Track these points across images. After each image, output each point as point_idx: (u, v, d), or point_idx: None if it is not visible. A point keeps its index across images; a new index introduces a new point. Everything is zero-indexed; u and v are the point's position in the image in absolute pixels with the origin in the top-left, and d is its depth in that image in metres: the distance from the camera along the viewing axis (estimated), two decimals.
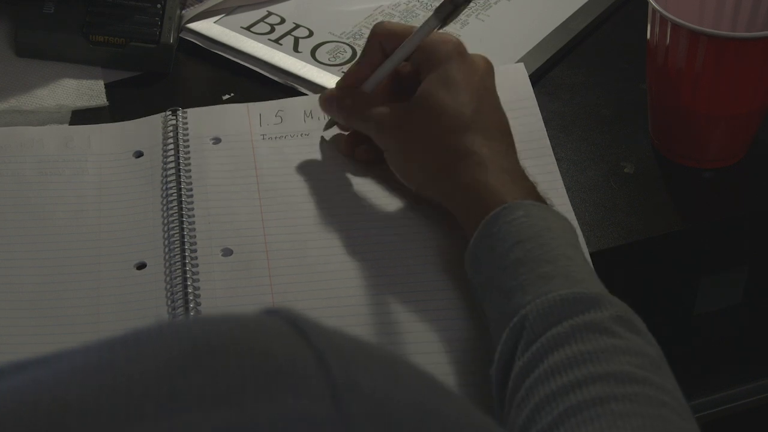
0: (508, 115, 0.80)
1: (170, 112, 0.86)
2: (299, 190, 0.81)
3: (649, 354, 0.61)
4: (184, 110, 0.85)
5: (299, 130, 0.85)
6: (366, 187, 0.81)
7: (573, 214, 0.78)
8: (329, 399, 0.37)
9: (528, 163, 0.81)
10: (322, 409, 0.36)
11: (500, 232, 0.68)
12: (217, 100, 0.90)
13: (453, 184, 0.74)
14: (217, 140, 0.83)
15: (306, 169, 0.82)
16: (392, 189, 0.80)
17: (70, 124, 0.88)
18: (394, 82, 0.81)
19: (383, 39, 0.80)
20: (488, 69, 0.79)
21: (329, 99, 0.81)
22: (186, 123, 0.84)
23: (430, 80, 0.77)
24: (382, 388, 0.38)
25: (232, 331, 0.39)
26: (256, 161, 0.82)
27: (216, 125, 0.84)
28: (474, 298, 0.72)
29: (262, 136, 0.84)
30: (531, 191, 0.72)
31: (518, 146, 0.82)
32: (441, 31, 0.79)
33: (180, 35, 0.95)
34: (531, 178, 0.73)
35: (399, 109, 0.78)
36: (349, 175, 0.82)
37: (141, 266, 0.75)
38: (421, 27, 0.78)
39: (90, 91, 0.91)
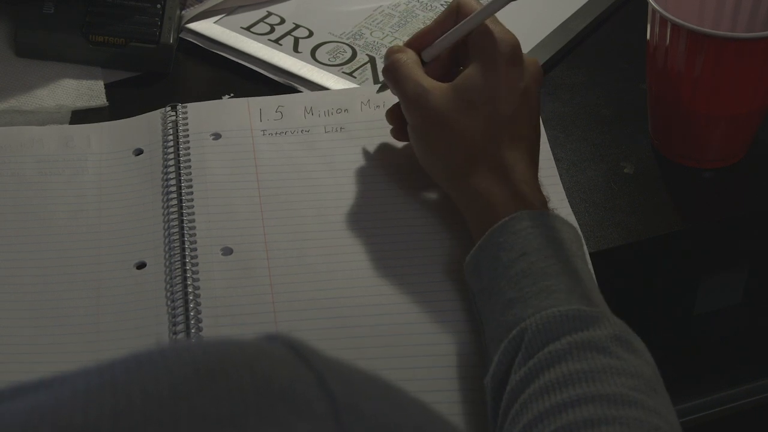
0: None
1: (170, 108, 0.85)
2: (299, 187, 0.80)
3: (644, 375, 0.61)
4: (184, 105, 0.85)
5: (299, 126, 0.85)
6: (367, 185, 0.81)
7: (573, 214, 0.78)
8: (332, 421, 0.36)
9: None
10: (325, 431, 0.36)
11: (507, 242, 0.68)
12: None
13: (467, 183, 0.72)
14: (217, 135, 0.83)
15: (306, 166, 0.82)
16: (395, 188, 0.80)
17: (70, 124, 0.88)
18: (454, 59, 0.78)
19: (461, 8, 0.76)
20: (537, 77, 0.76)
21: (389, 52, 0.78)
22: (186, 119, 0.84)
23: (476, 71, 0.74)
24: (383, 411, 0.38)
25: (233, 355, 0.39)
26: (256, 157, 0.82)
27: (216, 120, 0.84)
28: (471, 302, 0.71)
29: (262, 132, 0.84)
30: (543, 204, 0.71)
31: None
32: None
33: (180, 35, 0.95)
34: (544, 192, 0.72)
35: (435, 86, 0.75)
36: (350, 173, 0.81)
37: (141, 266, 0.75)
38: (491, 2, 0.74)
39: (90, 91, 0.91)
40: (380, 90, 0.82)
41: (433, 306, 0.73)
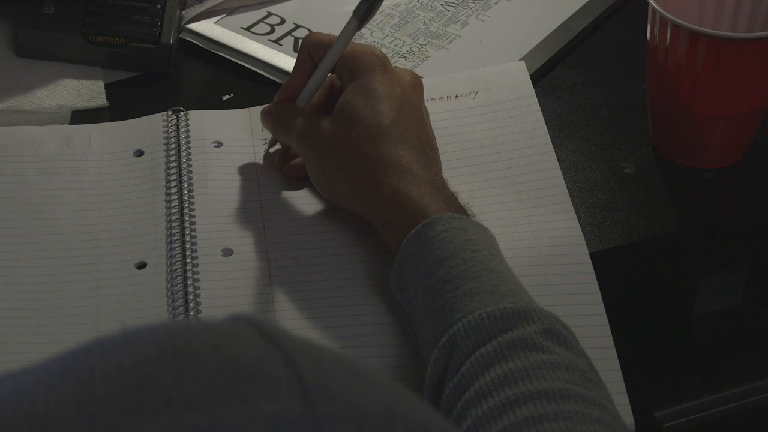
0: (508, 113, 0.80)
1: (171, 112, 0.85)
2: (300, 191, 0.81)
3: (578, 367, 0.60)
4: (185, 112, 0.85)
5: None
6: None
7: (574, 213, 0.78)
8: (300, 401, 0.36)
9: (529, 161, 0.81)
10: (293, 411, 0.36)
11: (423, 250, 0.68)
12: (217, 101, 0.90)
13: (372, 195, 0.73)
14: (218, 143, 0.83)
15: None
16: None
17: (70, 124, 0.88)
18: (329, 97, 0.80)
19: (312, 50, 0.79)
20: (414, 83, 0.78)
21: (264, 113, 0.81)
22: (187, 124, 0.84)
23: (350, 89, 0.76)
24: (351, 390, 0.38)
25: (199, 336, 0.38)
26: (257, 165, 0.82)
27: (217, 129, 0.84)
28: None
29: (263, 141, 0.84)
30: (451, 202, 0.71)
31: (519, 144, 0.82)
32: (365, 42, 0.78)
33: (180, 36, 0.95)
34: (452, 189, 0.72)
35: (319, 119, 0.77)
36: None
37: (141, 266, 0.75)
38: (342, 31, 0.77)
39: (90, 91, 0.91)
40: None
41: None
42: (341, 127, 0.75)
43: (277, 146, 0.83)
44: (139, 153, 0.83)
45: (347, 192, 0.75)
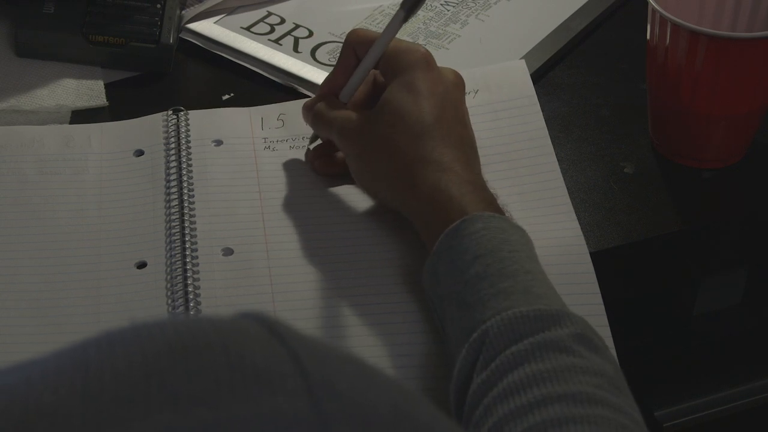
0: (509, 113, 0.80)
1: (171, 112, 0.86)
2: (300, 191, 0.81)
3: (607, 373, 0.61)
4: (186, 112, 0.85)
5: (301, 133, 0.84)
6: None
7: (574, 213, 0.78)
8: (305, 398, 0.36)
9: (529, 162, 0.81)
10: (298, 408, 0.36)
11: (460, 246, 0.68)
12: (216, 100, 0.90)
13: (412, 192, 0.73)
14: (218, 142, 0.83)
15: (307, 171, 0.82)
16: None
17: (70, 124, 0.88)
18: (372, 93, 0.80)
19: (356, 46, 0.79)
20: (457, 82, 0.78)
21: (306, 107, 0.81)
22: (188, 124, 0.84)
23: (394, 86, 0.76)
24: (357, 389, 0.38)
25: (206, 332, 0.38)
26: (257, 163, 0.82)
27: (217, 128, 0.84)
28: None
29: (263, 140, 0.84)
30: (491, 203, 0.71)
31: (519, 145, 0.83)
32: (410, 39, 0.78)
33: (180, 35, 0.95)
34: (492, 190, 0.73)
35: (362, 114, 0.77)
36: (350, 178, 0.81)
37: (141, 265, 0.75)
38: (387, 26, 0.77)
39: (90, 91, 0.91)
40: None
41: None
42: (384, 123, 0.75)
43: (318, 142, 0.82)
44: (139, 153, 0.83)
45: (387, 188, 0.75)
